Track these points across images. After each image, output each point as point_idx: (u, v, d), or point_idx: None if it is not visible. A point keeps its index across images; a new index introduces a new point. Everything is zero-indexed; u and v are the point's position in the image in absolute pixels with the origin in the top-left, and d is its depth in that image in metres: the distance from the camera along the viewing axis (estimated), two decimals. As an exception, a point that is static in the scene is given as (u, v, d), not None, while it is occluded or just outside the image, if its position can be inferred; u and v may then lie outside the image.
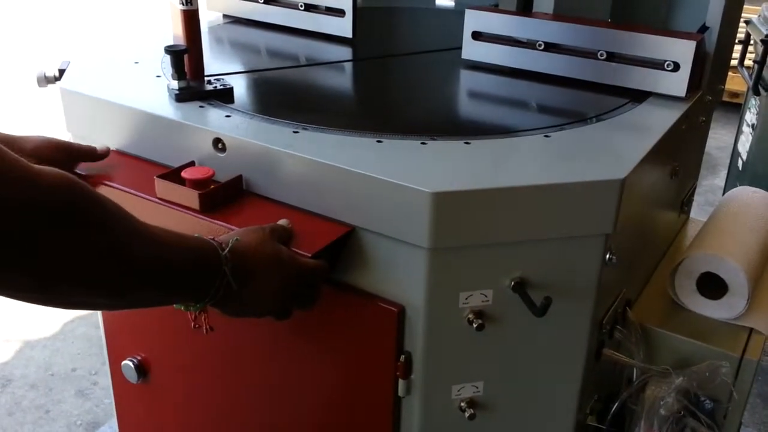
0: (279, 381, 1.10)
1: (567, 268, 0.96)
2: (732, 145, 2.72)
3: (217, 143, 1.02)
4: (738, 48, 2.29)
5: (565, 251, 0.95)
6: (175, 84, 1.11)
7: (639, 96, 1.19)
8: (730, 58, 1.43)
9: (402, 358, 0.97)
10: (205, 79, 1.15)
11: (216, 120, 1.06)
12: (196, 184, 0.98)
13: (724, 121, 4.11)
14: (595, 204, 0.92)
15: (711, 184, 3.65)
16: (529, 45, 1.28)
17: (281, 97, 1.20)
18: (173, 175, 1.01)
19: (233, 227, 0.94)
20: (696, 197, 1.59)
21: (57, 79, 1.23)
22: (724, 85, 1.42)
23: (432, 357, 0.97)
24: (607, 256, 0.96)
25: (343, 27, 1.48)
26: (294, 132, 1.02)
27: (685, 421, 1.09)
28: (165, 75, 1.21)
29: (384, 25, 1.79)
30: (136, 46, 1.35)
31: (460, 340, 0.97)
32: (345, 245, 0.96)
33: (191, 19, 1.12)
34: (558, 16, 1.32)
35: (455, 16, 1.52)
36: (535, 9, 1.39)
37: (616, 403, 1.14)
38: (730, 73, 1.67)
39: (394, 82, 1.36)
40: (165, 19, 1.21)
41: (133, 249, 0.70)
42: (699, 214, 1.54)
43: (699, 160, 1.52)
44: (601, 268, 0.97)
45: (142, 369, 1.22)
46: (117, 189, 1.04)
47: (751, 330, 1.18)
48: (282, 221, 0.93)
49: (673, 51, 1.15)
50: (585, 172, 0.93)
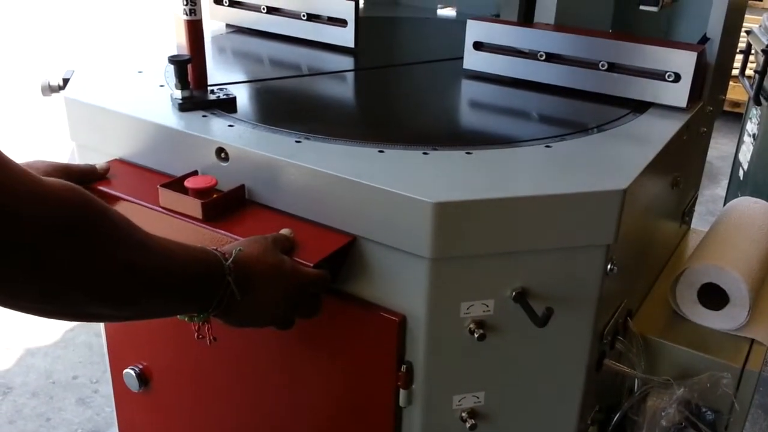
0: (280, 390, 1.10)
1: (568, 278, 0.97)
2: (733, 155, 2.72)
3: (220, 153, 1.03)
4: (739, 57, 2.30)
5: (567, 262, 0.95)
6: (178, 93, 1.11)
7: (640, 106, 1.19)
8: (731, 69, 1.44)
9: (403, 368, 0.97)
10: (209, 88, 1.16)
11: (219, 129, 1.06)
12: (198, 193, 0.99)
13: (725, 131, 4.12)
14: (597, 215, 0.92)
15: (712, 194, 3.65)
16: (531, 55, 1.28)
17: (284, 106, 1.21)
18: (176, 184, 1.01)
19: (236, 236, 0.94)
20: (697, 207, 1.59)
21: (61, 88, 1.23)
22: (725, 95, 1.42)
23: (433, 367, 0.97)
24: (608, 266, 0.97)
25: (345, 37, 1.48)
26: (296, 141, 1.02)
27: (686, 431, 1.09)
28: (168, 84, 1.21)
29: (386, 34, 1.79)
30: (139, 56, 1.36)
31: (461, 350, 0.97)
32: (347, 255, 0.96)
33: (195, 29, 1.13)
34: (559, 26, 1.32)
35: (457, 26, 1.53)
36: (536, 19, 1.40)
37: (618, 414, 1.14)
38: (731, 83, 1.68)
39: (395, 92, 1.37)
40: (168, 27, 1.22)
41: (139, 260, 0.71)
42: (700, 223, 1.54)
43: (700, 170, 1.52)
44: (602, 278, 0.97)
45: (143, 378, 1.23)
46: (120, 198, 1.04)
47: (752, 341, 1.18)
48: (284, 231, 0.93)
49: (674, 62, 1.16)
50: (586, 182, 0.93)
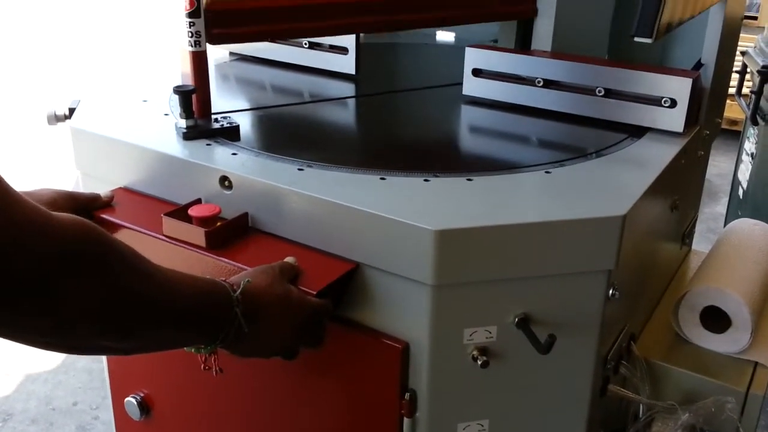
0: (284, 419, 1.10)
1: (570, 304, 0.97)
2: (732, 173, 2.73)
3: (224, 181, 1.04)
4: (735, 77, 2.32)
5: (568, 287, 0.96)
6: (183, 122, 1.13)
7: (638, 131, 1.21)
8: (727, 93, 1.46)
9: (407, 395, 0.97)
10: (212, 117, 1.17)
11: (222, 158, 1.07)
12: (202, 221, 1.00)
13: (723, 149, 4.14)
14: (597, 240, 0.93)
15: (712, 212, 3.66)
16: (529, 82, 1.30)
17: (287, 134, 1.22)
18: (180, 212, 1.02)
19: (239, 264, 0.95)
20: (698, 225, 1.61)
21: (67, 117, 1.25)
22: (722, 118, 1.44)
23: (437, 394, 0.98)
24: (610, 291, 0.97)
25: (346, 64, 1.50)
26: (299, 169, 1.04)
27: (691, 456, 1.09)
28: (173, 113, 1.23)
29: (386, 61, 1.82)
30: (144, 85, 1.38)
31: (465, 378, 0.97)
32: (349, 282, 0.97)
33: (199, 60, 1.14)
34: (556, 53, 1.34)
35: (456, 52, 1.55)
36: (533, 47, 1.42)
37: (622, 439, 1.14)
38: (728, 101, 1.70)
39: (396, 118, 1.38)
40: (173, 57, 1.24)
41: (147, 292, 0.72)
42: (701, 241, 1.55)
43: (699, 192, 1.53)
44: (604, 303, 0.98)
45: (145, 406, 1.23)
46: (124, 226, 1.05)
47: (756, 364, 1.19)
48: (289, 259, 0.94)
49: (669, 88, 1.17)
50: (586, 208, 0.94)
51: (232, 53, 1.67)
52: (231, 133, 1.15)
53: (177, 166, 1.08)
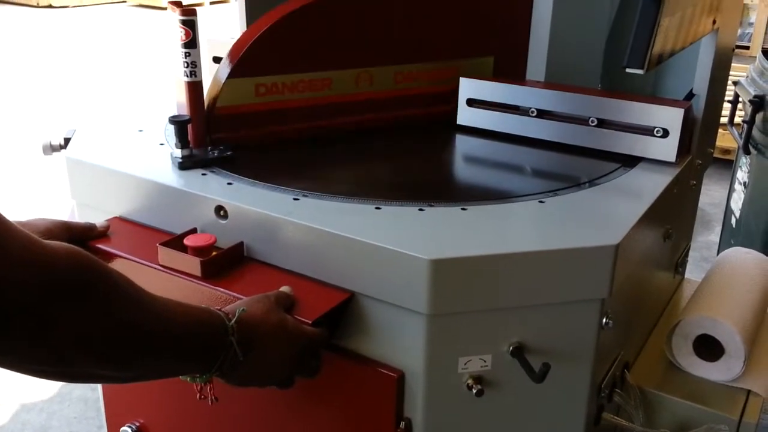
0: (278, 448, 1.09)
1: (564, 332, 0.98)
2: (725, 201, 2.75)
3: (219, 210, 1.04)
4: (727, 106, 2.35)
5: (562, 316, 0.96)
6: (178, 152, 1.14)
7: (630, 161, 1.22)
8: (719, 122, 1.47)
9: (402, 424, 0.97)
10: (208, 146, 1.18)
11: (218, 187, 1.08)
12: (197, 251, 1.00)
13: (716, 178, 4.16)
14: (590, 269, 0.94)
15: (706, 240, 3.67)
16: (522, 111, 1.31)
17: (282, 163, 1.23)
18: (175, 242, 1.02)
19: (234, 293, 0.95)
20: (692, 253, 1.61)
21: (62, 147, 1.25)
22: (714, 148, 1.45)
23: (432, 423, 0.97)
24: (604, 320, 0.98)
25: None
26: (294, 199, 1.04)
27: (686, 486, 1.08)
28: (168, 143, 1.24)
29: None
30: (140, 114, 1.39)
31: (459, 406, 0.97)
32: (344, 311, 0.97)
33: (195, 90, 1.16)
34: (549, 84, 1.36)
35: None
36: (528, 76, 1.44)
37: (617, 468, 1.13)
38: (720, 130, 1.72)
39: (391, 148, 1.39)
40: (168, 86, 1.25)
41: (142, 321, 0.72)
42: (695, 269, 1.55)
43: (692, 221, 1.54)
44: (597, 332, 0.98)
45: (140, 436, 1.22)
46: (120, 256, 1.05)
47: (748, 392, 1.19)
48: (284, 288, 0.94)
49: (661, 118, 1.19)
50: (579, 238, 0.95)
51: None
52: (226, 162, 1.16)
53: (172, 196, 1.09)
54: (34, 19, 9.03)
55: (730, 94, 2.34)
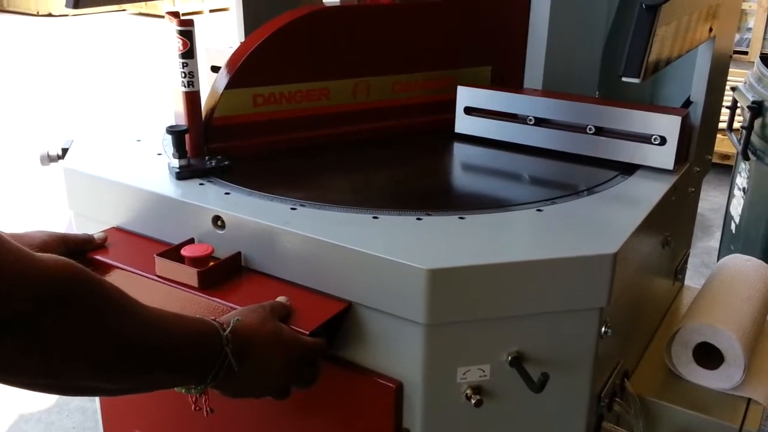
0: (277, 459, 1.09)
1: (563, 342, 0.97)
2: (725, 207, 2.75)
3: (217, 221, 1.04)
4: (726, 112, 2.35)
5: (561, 325, 0.96)
6: (175, 162, 1.13)
7: (628, 168, 1.22)
8: (717, 129, 1.47)
9: (400, 435, 0.97)
10: (206, 156, 1.18)
11: (215, 197, 1.08)
12: (195, 261, 1.00)
13: (716, 183, 4.16)
14: (589, 278, 0.93)
15: (706, 246, 3.67)
16: (520, 119, 1.31)
17: (279, 173, 1.23)
18: (173, 252, 1.02)
19: (232, 304, 0.95)
20: (692, 259, 1.61)
21: (60, 157, 1.25)
22: (712, 155, 1.45)
23: (431, 434, 0.97)
24: (603, 329, 0.97)
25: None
26: (292, 208, 1.04)
27: (687, 495, 1.08)
28: (166, 153, 1.24)
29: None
30: (138, 124, 1.39)
31: (458, 417, 0.97)
32: (342, 321, 0.97)
33: (193, 100, 1.16)
34: (547, 92, 1.36)
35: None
36: (525, 84, 1.44)
37: (618, 478, 1.13)
38: (719, 135, 1.71)
39: (389, 156, 1.39)
40: (166, 96, 1.25)
41: (134, 332, 0.71)
42: (695, 275, 1.55)
43: (690, 228, 1.54)
44: (596, 341, 0.98)
45: (138, 447, 1.21)
46: (118, 267, 1.05)
47: (749, 400, 1.18)
48: (281, 298, 0.94)
49: (659, 125, 1.18)
50: (577, 246, 0.94)
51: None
52: (224, 172, 1.16)
53: (170, 206, 1.09)
54: (35, 27, 9.05)
55: (728, 100, 2.34)
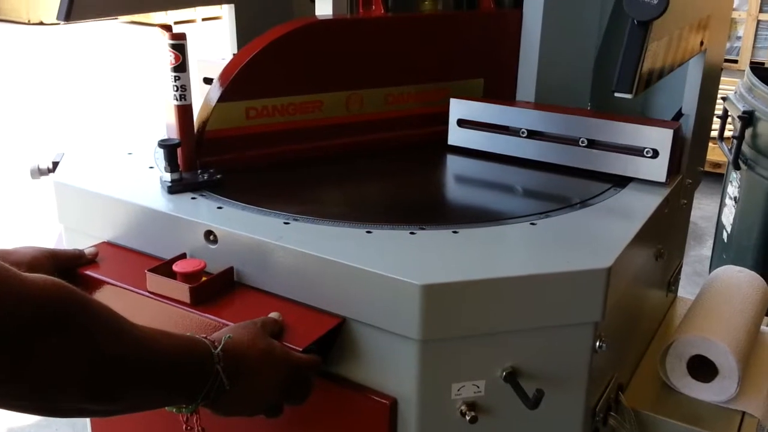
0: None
1: (557, 356, 0.97)
2: (716, 215, 2.76)
3: (209, 235, 1.03)
4: (717, 121, 2.36)
5: (555, 340, 0.96)
6: (167, 176, 1.13)
7: (621, 181, 1.22)
8: (708, 141, 1.48)
9: (395, 452, 0.96)
10: (198, 170, 1.17)
11: (207, 212, 1.07)
12: (187, 277, 0.99)
13: (707, 191, 4.18)
14: (583, 293, 0.93)
15: (698, 254, 3.68)
16: (513, 132, 1.31)
17: (272, 186, 1.22)
18: (164, 268, 1.01)
19: (224, 320, 0.94)
20: (684, 267, 1.61)
21: (50, 171, 1.24)
22: (704, 167, 1.45)
23: (425, 451, 0.96)
24: (597, 343, 0.97)
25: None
26: (285, 223, 1.04)
27: None
28: (158, 166, 1.23)
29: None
30: (129, 137, 1.38)
31: (453, 433, 0.96)
32: (336, 337, 0.96)
33: (185, 113, 1.15)
34: (539, 105, 1.36)
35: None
36: (517, 96, 1.44)
37: (613, 492, 1.12)
38: (710, 144, 1.72)
39: (382, 169, 1.38)
40: (158, 109, 1.24)
41: (124, 353, 0.71)
42: (688, 284, 1.55)
43: (683, 240, 1.54)
44: (591, 355, 0.97)
45: (129, 463, 1.20)
46: (108, 283, 1.04)
47: (743, 413, 1.18)
48: (273, 314, 0.93)
49: (651, 138, 1.19)
50: (572, 261, 0.94)
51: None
52: (216, 186, 1.15)
53: (162, 221, 1.08)
54: (25, 36, 9.02)
55: (719, 109, 2.35)
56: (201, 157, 1.20)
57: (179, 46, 1.12)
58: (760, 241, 2.35)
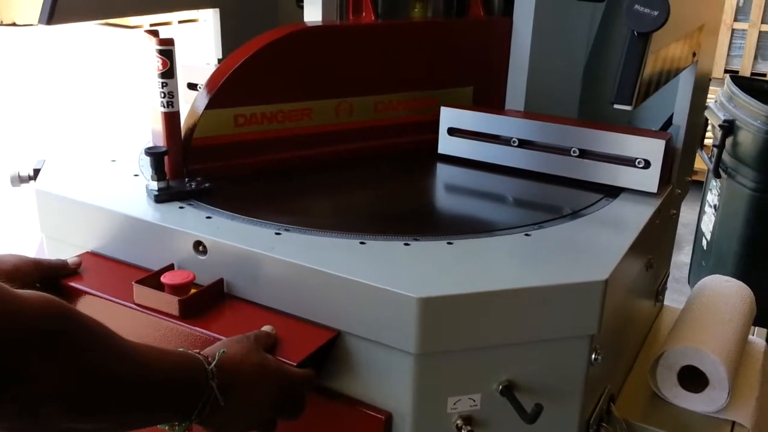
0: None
1: (553, 369, 0.96)
2: (695, 222, 2.78)
3: (198, 246, 1.01)
4: (696, 131, 2.37)
5: (551, 353, 0.95)
6: (154, 185, 1.10)
7: (612, 191, 1.22)
8: (696, 151, 1.48)
9: (390, 467, 0.94)
10: (185, 178, 1.15)
11: (196, 222, 1.05)
12: (175, 289, 0.96)
13: (686, 198, 4.21)
14: (580, 305, 0.92)
15: (676, 260, 3.70)
16: (504, 141, 1.30)
17: (262, 195, 1.20)
18: (152, 279, 0.98)
19: (214, 334, 0.92)
20: (663, 274, 1.61)
21: (32, 178, 1.21)
22: (691, 176, 1.46)
23: (421, 466, 0.94)
24: (593, 356, 0.96)
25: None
26: (276, 233, 1.01)
27: None
28: (143, 174, 1.20)
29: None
30: (113, 143, 1.35)
31: (449, 448, 0.95)
32: (330, 350, 0.94)
33: (172, 120, 1.13)
34: (531, 114, 1.35)
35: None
36: (507, 105, 1.43)
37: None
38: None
39: (373, 178, 1.37)
40: (142, 114, 1.22)
41: (119, 371, 0.69)
42: (666, 290, 1.55)
43: (670, 250, 1.55)
44: (587, 368, 0.97)
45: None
46: (92, 294, 1.01)
47: (733, 423, 1.18)
48: (266, 327, 0.91)
49: (643, 149, 1.19)
50: (568, 273, 0.93)
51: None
52: (205, 195, 1.12)
53: (149, 231, 1.05)
54: (-3, 37, 8.85)
55: (699, 119, 2.37)
56: (188, 165, 1.17)
57: (167, 51, 1.10)
58: (740, 249, 2.37)
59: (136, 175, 1.21)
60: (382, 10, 1.38)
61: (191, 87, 1.61)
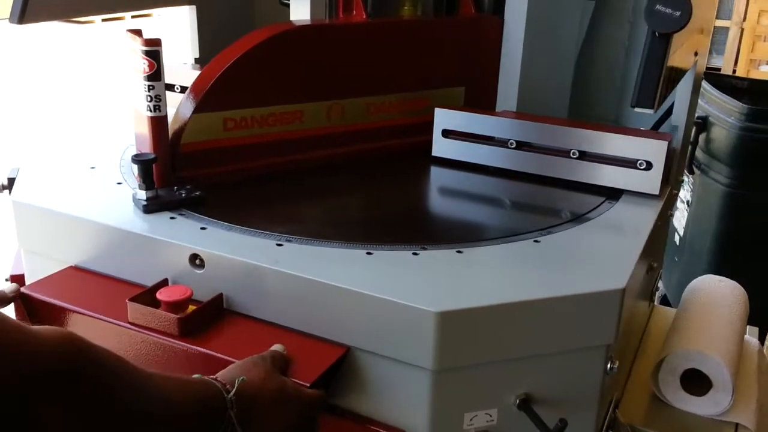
0: None
1: (570, 381, 0.93)
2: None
3: (194, 259, 0.95)
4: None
5: (568, 364, 0.92)
6: (142, 194, 1.03)
7: (612, 193, 1.20)
8: (688, 151, 1.48)
9: (405, 488, 0.90)
10: (174, 186, 1.09)
11: (190, 233, 0.99)
12: (172, 306, 0.90)
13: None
14: (598, 315, 0.90)
15: (643, 255, 3.76)
16: (500, 143, 1.27)
17: (257, 202, 1.14)
18: (146, 296, 0.92)
19: (216, 353, 0.87)
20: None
21: (6, 188, 1.13)
22: (683, 175, 1.45)
23: (437, 485, 0.91)
24: (609, 365, 0.94)
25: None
26: (277, 244, 0.96)
27: None
28: (127, 182, 1.13)
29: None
30: (91, 149, 1.27)
31: (466, 466, 0.91)
32: (339, 367, 0.89)
33: (159, 125, 1.07)
34: (528, 115, 1.32)
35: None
36: (498, 106, 1.40)
37: None
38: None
39: (369, 182, 1.32)
40: (124, 117, 1.15)
41: (139, 406, 0.64)
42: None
43: (663, 250, 1.54)
44: (603, 378, 0.94)
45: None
46: (80, 313, 0.94)
47: (736, 425, 1.18)
48: (277, 347, 0.86)
49: (645, 151, 1.17)
50: (585, 282, 0.91)
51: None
52: (197, 204, 1.06)
53: (139, 244, 0.99)
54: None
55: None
56: (176, 172, 1.11)
57: (153, 53, 1.03)
58: (713, 245, 2.40)
59: (119, 183, 1.14)
60: (371, 9, 1.34)
61: (168, 88, 1.54)
